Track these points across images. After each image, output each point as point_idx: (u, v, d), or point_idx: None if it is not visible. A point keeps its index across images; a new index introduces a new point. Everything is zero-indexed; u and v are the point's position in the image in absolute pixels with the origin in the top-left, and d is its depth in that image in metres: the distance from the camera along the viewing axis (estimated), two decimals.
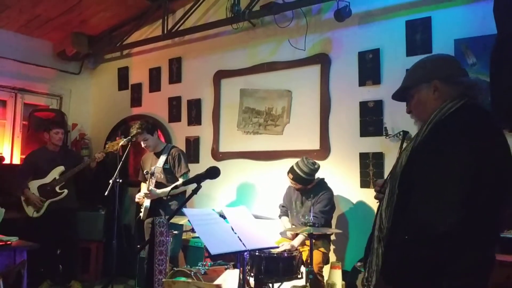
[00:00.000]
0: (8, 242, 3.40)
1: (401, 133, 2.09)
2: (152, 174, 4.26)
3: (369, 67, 4.16)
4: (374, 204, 4.01)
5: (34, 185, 4.73)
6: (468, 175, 1.44)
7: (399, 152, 1.80)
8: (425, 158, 1.54)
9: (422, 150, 1.58)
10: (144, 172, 4.32)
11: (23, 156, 5.61)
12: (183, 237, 4.61)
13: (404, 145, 1.82)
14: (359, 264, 3.53)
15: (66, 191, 4.74)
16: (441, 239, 1.42)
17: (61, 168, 4.78)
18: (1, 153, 5.67)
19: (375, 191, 1.93)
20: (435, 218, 1.43)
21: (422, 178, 1.51)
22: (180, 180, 4.36)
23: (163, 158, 4.41)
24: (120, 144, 4.50)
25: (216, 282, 3.13)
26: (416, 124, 1.79)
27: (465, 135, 1.50)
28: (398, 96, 1.90)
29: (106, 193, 4.17)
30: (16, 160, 5.80)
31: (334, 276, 3.66)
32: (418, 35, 3.91)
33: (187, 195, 4.58)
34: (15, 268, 3.22)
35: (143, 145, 4.46)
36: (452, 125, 1.57)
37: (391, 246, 1.59)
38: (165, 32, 5.39)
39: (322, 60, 4.44)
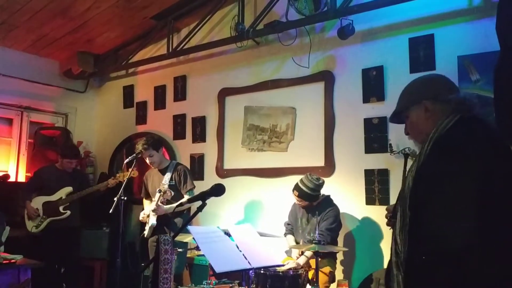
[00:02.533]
0: (13, 261, 3.39)
1: (405, 150, 2.13)
2: (165, 192, 4.24)
3: (373, 84, 4.17)
4: (380, 221, 4.00)
5: (39, 201, 4.75)
6: (476, 185, 1.41)
7: (404, 173, 1.84)
8: (432, 176, 1.52)
9: (427, 168, 1.57)
10: (157, 190, 4.29)
11: (29, 174, 5.64)
12: (187, 255, 4.58)
13: (408, 165, 1.82)
14: None
15: (68, 212, 4.75)
16: (461, 253, 1.38)
17: (69, 189, 4.80)
18: (7, 171, 5.69)
19: (386, 217, 1.96)
20: (451, 232, 1.40)
21: (432, 196, 1.49)
22: (186, 197, 4.36)
23: (168, 175, 4.41)
24: (130, 175, 4.47)
25: None
26: (415, 145, 1.83)
27: (468, 146, 1.51)
28: (395, 119, 1.96)
29: (110, 211, 4.16)
30: (21, 178, 5.81)
31: None
32: (421, 52, 3.93)
33: (191, 212, 4.58)
34: (20, 286, 3.21)
35: (148, 161, 4.45)
36: (453, 139, 1.59)
37: (410, 270, 1.54)
38: (170, 50, 5.44)
39: (326, 77, 4.47)
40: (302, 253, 3.80)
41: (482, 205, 1.39)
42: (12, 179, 5.63)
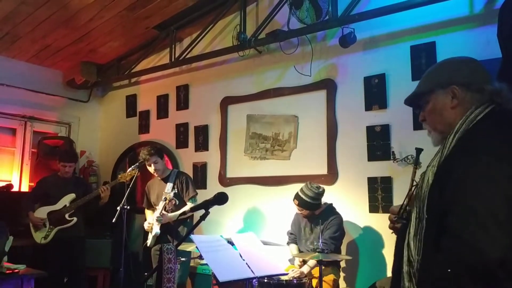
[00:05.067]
0: (16, 270, 3.39)
1: (413, 156, 1.92)
2: (171, 200, 4.24)
3: (375, 92, 4.18)
4: (383, 229, 3.99)
5: (44, 211, 4.74)
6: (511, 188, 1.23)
7: (413, 172, 1.61)
8: (458, 174, 1.31)
9: (452, 165, 1.35)
10: (163, 198, 4.29)
11: (32, 184, 5.65)
12: (190, 264, 4.57)
13: (420, 162, 1.66)
14: None
15: (75, 219, 4.74)
16: (494, 267, 1.17)
17: (72, 196, 4.80)
18: (10, 181, 5.70)
19: (389, 219, 1.70)
20: (485, 243, 1.18)
21: (460, 198, 1.28)
22: (189, 204, 4.37)
23: (170, 184, 4.42)
24: (132, 175, 4.50)
25: None
26: (429, 135, 1.60)
27: (502, 143, 1.31)
28: (411, 101, 1.70)
29: (113, 220, 4.16)
30: (25, 188, 5.83)
31: None
32: (423, 59, 3.93)
33: (194, 220, 4.57)
34: None
35: (152, 168, 4.44)
36: (484, 133, 1.37)
37: (425, 283, 1.33)
38: (173, 60, 5.47)
39: (328, 86, 4.48)
40: (305, 262, 3.79)
41: None
42: (15, 188, 5.65)
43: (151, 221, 4.35)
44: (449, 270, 1.23)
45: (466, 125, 1.41)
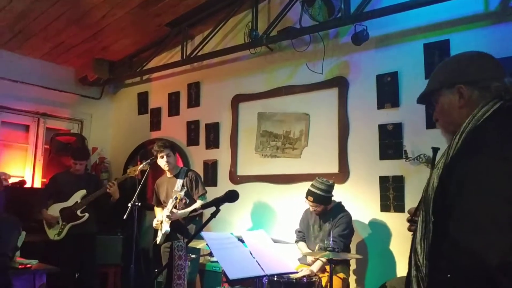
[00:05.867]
0: (28, 266, 3.42)
1: (426, 155, 1.86)
2: (181, 199, 4.24)
3: (388, 90, 4.14)
4: (394, 229, 3.96)
5: (56, 208, 4.79)
6: None
7: (430, 172, 1.52)
8: (462, 176, 1.26)
9: (456, 166, 1.30)
10: (174, 197, 4.30)
11: (44, 180, 5.71)
12: (200, 261, 4.58)
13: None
14: None
15: (87, 215, 4.77)
16: (494, 273, 1.12)
17: (83, 192, 4.83)
18: (23, 177, 5.76)
19: (407, 221, 1.65)
20: (483, 248, 1.14)
21: (461, 200, 1.24)
22: (199, 202, 4.37)
23: (180, 181, 4.42)
24: (140, 168, 4.53)
25: None
26: (443, 135, 1.55)
27: (505, 143, 1.26)
28: (422, 100, 1.66)
29: (124, 217, 4.18)
30: (37, 184, 5.88)
31: None
32: (436, 57, 3.89)
33: (204, 218, 4.58)
34: None
35: (164, 162, 4.44)
36: (490, 132, 1.31)
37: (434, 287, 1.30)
38: (184, 57, 5.48)
39: (340, 83, 4.45)
40: (315, 260, 3.78)
41: None
42: (28, 184, 5.70)
43: (160, 219, 4.37)
44: (448, 276, 1.20)
45: (472, 124, 1.35)
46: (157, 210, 4.65)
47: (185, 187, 4.38)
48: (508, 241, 1.13)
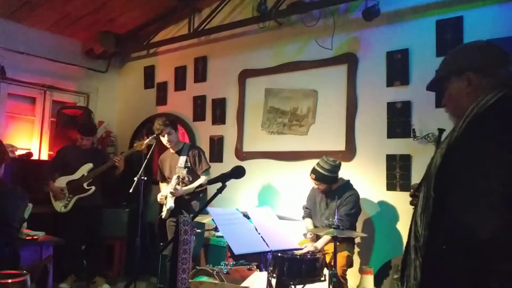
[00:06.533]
0: (35, 237, 3.45)
1: (434, 134, 1.94)
2: (183, 178, 4.24)
3: (398, 68, 4.07)
4: (400, 207, 3.95)
5: (63, 181, 4.82)
6: (510, 176, 1.29)
7: (435, 151, 1.63)
8: (462, 157, 1.39)
9: (459, 148, 1.43)
10: (176, 176, 4.29)
11: (51, 152, 5.73)
12: (204, 236, 4.61)
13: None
14: (395, 277, 3.45)
15: (93, 188, 4.81)
16: (484, 246, 1.27)
17: (89, 165, 4.86)
18: (30, 149, 5.78)
19: (410, 195, 1.79)
20: (476, 224, 1.29)
21: (460, 180, 1.37)
22: (203, 177, 4.38)
23: (183, 157, 4.42)
24: (147, 143, 4.52)
25: (243, 284, 3.10)
26: (450, 119, 1.65)
27: (507, 129, 1.36)
28: (432, 87, 1.76)
29: (130, 191, 4.19)
30: (44, 156, 5.91)
31: (366, 282, 3.59)
32: (449, 35, 3.80)
33: (208, 194, 4.60)
34: (42, 262, 3.27)
35: (166, 140, 4.43)
36: (491, 119, 1.42)
37: (429, 257, 1.44)
38: (191, 31, 5.41)
39: (349, 60, 4.38)
40: (318, 237, 3.79)
41: None
42: (35, 157, 5.73)
43: (165, 193, 4.38)
44: (444, 247, 1.35)
45: (476, 110, 1.45)
46: (162, 185, 4.66)
47: (189, 163, 4.37)
48: (499, 219, 1.27)
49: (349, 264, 3.80)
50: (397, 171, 4.01)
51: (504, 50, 1.58)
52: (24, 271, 0.94)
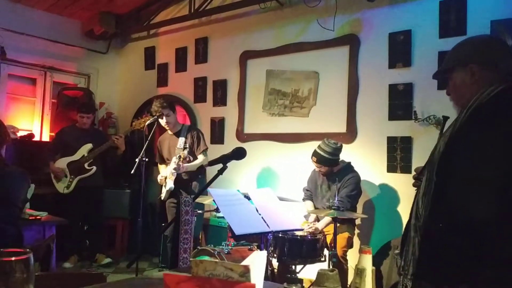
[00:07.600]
0: (38, 217, 3.48)
1: (435, 116, 2.00)
2: (185, 158, 4.24)
3: (400, 49, 4.04)
4: (400, 189, 3.97)
5: (63, 162, 4.83)
6: (509, 160, 1.37)
7: (439, 138, 1.71)
8: (464, 144, 1.48)
9: (461, 136, 1.51)
10: (177, 156, 4.28)
11: (52, 134, 5.73)
12: (204, 216, 4.65)
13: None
14: (396, 252, 3.48)
15: (94, 168, 4.83)
16: (480, 227, 1.37)
17: (89, 146, 4.87)
18: (31, 130, 5.79)
19: (413, 178, 1.87)
20: (473, 205, 1.39)
21: (461, 165, 1.47)
22: (200, 157, 4.39)
23: (182, 138, 4.42)
24: (146, 122, 4.53)
25: (244, 263, 3.14)
26: (454, 108, 1.73)
27: (506, 119, 1.44)
28: (438, 77, 1.86)
29: (132, 172, 4.22)
30: (45, 137, 5.92)
31: (364, 261, 3.61)
32: (452, 15, 3.77)
33: (207, 176, 4.61)
34: (45, 242, 3.30)
35: (164, 121, 4.43)
36: (492, 109, 1.50)
37: (428, 235, 1.53)
38: (192, 11, 5.36)
39: (351, 41, 4.34)
40: (319, 219, 3.81)
41: (510, 181, 1.36)
42: (36, 138, 5.74)
43: (164, 174, 4.40)
44: (441, 225, 1.45)
45: (479, 101, 1.53)
46: (161, 167, 4.68)
47: (187, 145, 4.38)
48: (497, 203, 1.36)
49: (350, 245, 3.83)
50: (397, 153, 4.02)
51: (508, 45, 1.71)
52: (28, 250, 0.95)
